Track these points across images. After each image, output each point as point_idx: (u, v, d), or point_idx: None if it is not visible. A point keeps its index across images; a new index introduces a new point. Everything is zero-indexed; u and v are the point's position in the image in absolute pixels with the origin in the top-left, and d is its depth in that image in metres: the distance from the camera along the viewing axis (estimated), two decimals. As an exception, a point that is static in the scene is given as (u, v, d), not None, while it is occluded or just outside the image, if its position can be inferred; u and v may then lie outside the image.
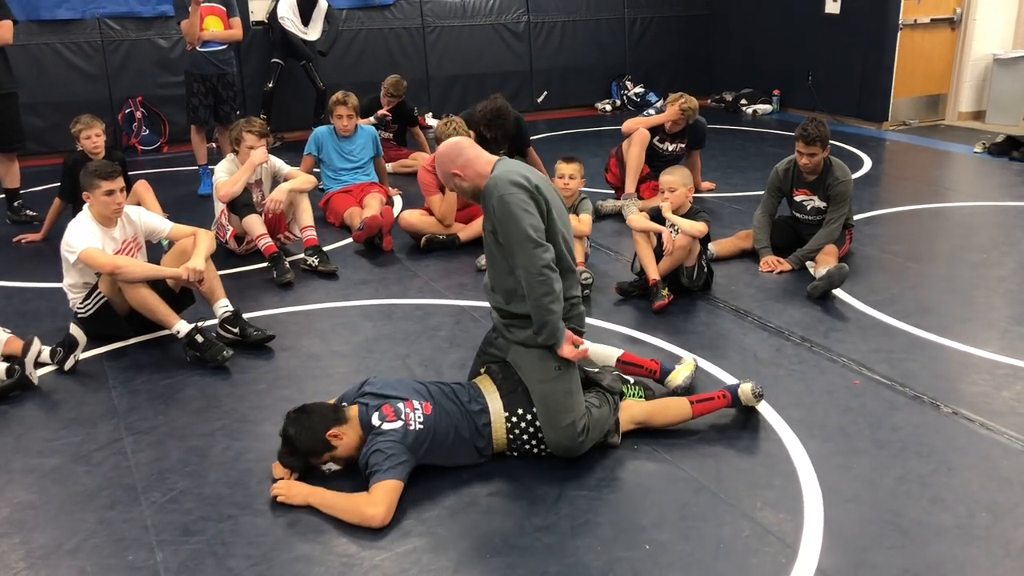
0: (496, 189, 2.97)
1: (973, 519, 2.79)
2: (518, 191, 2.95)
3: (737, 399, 3.39)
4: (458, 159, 3.14)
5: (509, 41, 10.36)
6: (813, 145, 4.93)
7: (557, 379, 3.07)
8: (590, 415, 3.10)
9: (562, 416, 3.04)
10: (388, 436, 2.91)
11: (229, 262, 5.28)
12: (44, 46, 8.32)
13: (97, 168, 4.13)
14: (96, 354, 4.13)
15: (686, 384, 3.54)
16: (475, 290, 4.84)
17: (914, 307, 4.50)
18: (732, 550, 2.66)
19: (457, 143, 3.20)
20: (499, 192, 2.95)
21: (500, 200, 2.95)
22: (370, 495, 2.82)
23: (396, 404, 3.00)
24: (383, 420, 2.95)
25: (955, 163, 8.08)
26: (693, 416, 3.33)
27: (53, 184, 6.20)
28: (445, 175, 3.19)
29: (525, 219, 2.93)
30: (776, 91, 10.41)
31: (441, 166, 3.20)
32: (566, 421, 3.03)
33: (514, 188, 2.95)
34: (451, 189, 3.39)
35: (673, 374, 3.56)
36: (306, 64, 8.82)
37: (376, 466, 2.85)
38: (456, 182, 3.16)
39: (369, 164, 6.33)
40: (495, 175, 3.02)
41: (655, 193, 6.18)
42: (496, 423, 3.08)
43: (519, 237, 2.93)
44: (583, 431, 3.05)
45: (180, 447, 3.31)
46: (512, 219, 2.93)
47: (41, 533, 2.81)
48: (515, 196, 2.94)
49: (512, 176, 2.99)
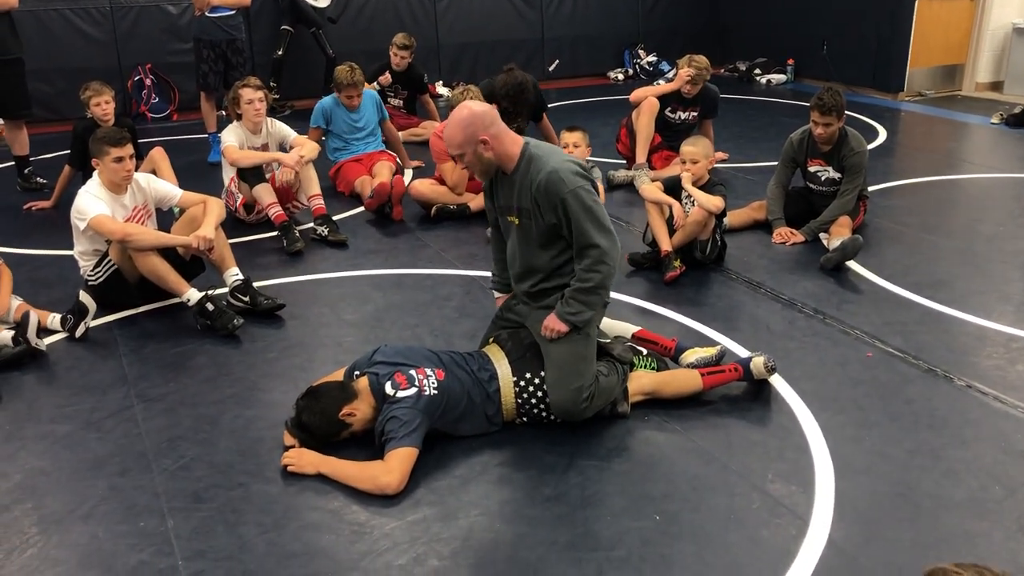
0: (565, 183, 2.97)
1: (986, 492, 2.77)
2: (585, 183, 3.02)
3: (749, 372, 3.37)
4: (491, 127, 3.03)
5: (520, 8, 10.24)
6: (829, 115, 4.87)
7: (576, 343, 3.08)
8: (597, 383, 3.10)
9: (572, 379, 3.04)
10: (403, 403, 2.90)
11: (239, 230, 5.26)
12: (52, 11, 8.26)
13: (106, 135, 4.11)
14: (106, 322, 4.14)
15: (698, 364, 3.46)
16: (485, 260, 4.81)
17: (928, 279, 4.46)
18: (743, 522, 2.66)
19: (491, 109, 3.10)
20: (571, 186, 2.97)
21: (574, 195, 2.97)
22: (385, 463, 2.82)
23: (408, 371, 3.00)
24: (396, 388, 2.95)
25: (972, 134, 7.99)
26: (704, 388, 3.32)
27: (63, 151, 6.18)
28: (468, 138, 3.00)
29: (601, 212, 3.03)
30: (791, 61, 10.28)
31: (467, 127, 3.00)
32: (575, 384, 3.04)
33: (582, 180, 3.01)
34: (456, 156, 3.08)
35: (688, 352, 3.51)
36: (315, 31, 8.74)
37: (392, 433, 2.85)
38: (479, 149, 3.02)
39: (377, 130, 6.28)
40: (554, 166, 3.00)
41: (667, 163, 6.15)
42: (505, 388, 3.08)
43: (602, 228, 3.01)
44: (588, 398, 3.06)
45: (191, 415, 3.32)
46: (590, 213, 2.99)
47: (53, 499, 2.82)
48: (586, 189, 3.00)
49: (572, 167, 3.03)
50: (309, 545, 2.59)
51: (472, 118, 3.02)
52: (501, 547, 2.57)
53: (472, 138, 3.02)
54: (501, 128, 3.06)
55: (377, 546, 2.57)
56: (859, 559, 2.49)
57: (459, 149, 3.06)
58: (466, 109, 3.05)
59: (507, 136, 3.08)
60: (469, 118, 3.02)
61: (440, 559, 2.52)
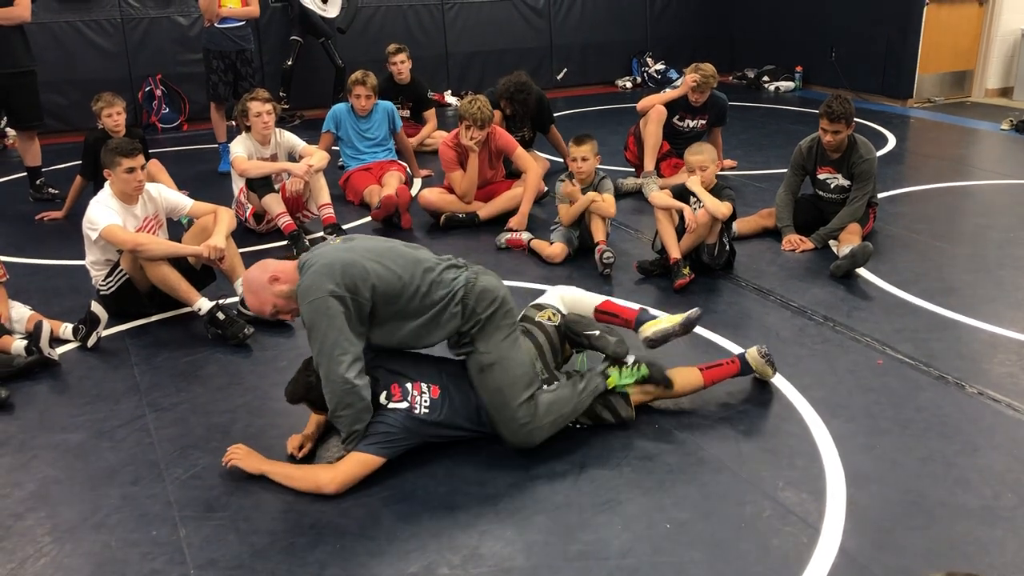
0: (301, 296, 2.85)
1: (998, 500, 2.76)
2: (321, 296, 2.80)
3: (746, 364, 3.37)
4: (264, 273, 2.95)
5: (528, 17, 10.28)
6: (838, 122, 4.87)
7: (483, 378, 2.97)
8: (535, 401, 2.97)
9: (500, 412, 2.96)
10: (391, 415, 2.93)
11: (249, 240, 5.28)
12: (64, 24, 8.33)
13: (118, 145, 4.14)
14: (118, 331, 4.16)
15: (655, 338, 3.34)
16: (495, 268, 4.77)
17: (939, 286, 4.45)
18: (754, 530, 2.65)
19: (256, 267, 3.01)
20: (304, 298, 2.83)
21: (305, 308, 2.84)
22: (335, 463, 2.89)
23: (405, 384, 3.00)
24: (389, 399, 2.97)
25: (981, 141, 7.96)
26: (705, 384, 3.31)
27: (74, 162, 6.23)
28: (262, 304, 2.98)
29: (325, 330, 2.80)
30: (799, 68, 10.27)
31: (253, 291, 2.99)
32: (504, 415, 2.96)
33: (316, 293, 2.81)
34: (271, 310, 3.00)
35: (647, 324, 3.38)
36: (325, 41, 8.79)
37: (367, 437, 2.90)
38: (278, 289, 2.94)
39: (388, 140, 6.31)
40: (302, 282, 2.86)
41: (675, 171, 6.15)
42: None
43: (319, 352, 2.83)
44: (527, 422, 2.95)
45: (202, 424, 3.33)
46: (310, 332, 2.84)
47: (66, 508, 2.84)
48: (320, 303, 2.80)
49: (317, 278, 2.83)
50: (320, 553, 2.59)
51: (250, 280, 3.00)
52: (512, 555, 2.57)
53: (261, 295, 2.97)
54: (277, 266, 2.99)
55: (388, 554, 2.58)
56: (871, 567, 2.48)
57: (266, 309, 3.00)
58: (244, 278, 3.08)
59: (287, 266, 2.98)
60: (250, 278, 3.00)
61: (451, 567, 2.52)
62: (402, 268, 2.94)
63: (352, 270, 2.85)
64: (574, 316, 3.38)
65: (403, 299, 2.92)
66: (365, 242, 3.04)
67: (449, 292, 2.96)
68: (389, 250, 3.00)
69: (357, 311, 2.85)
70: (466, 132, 5.37)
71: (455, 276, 3.02)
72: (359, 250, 2.94)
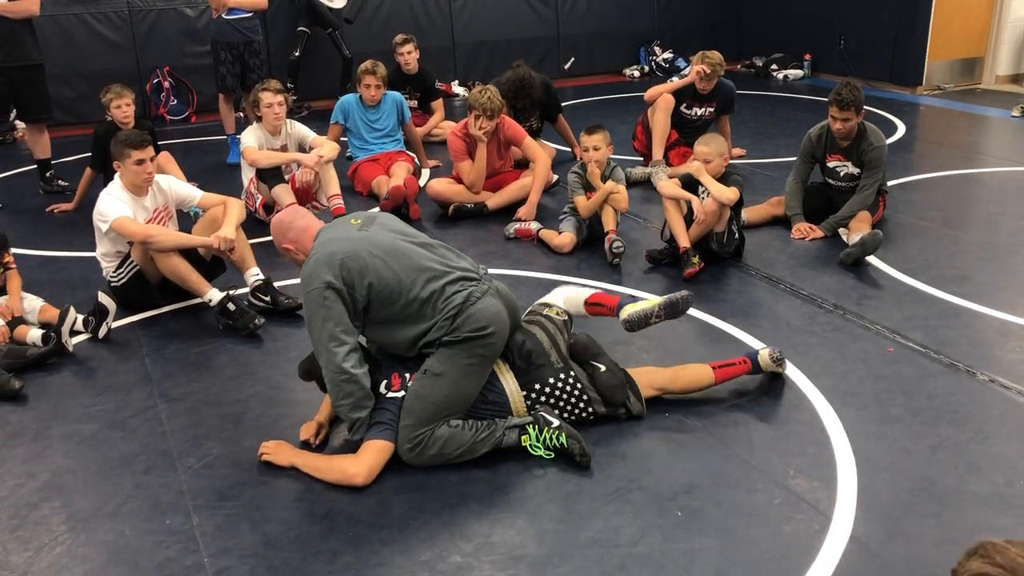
0: (302, 284, 2.92)
1: (1010, 487, 2.76)
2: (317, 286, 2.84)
3: (757, 364, 3.37)
4: (288, 232, 3.11)
5: (536, 6, 10.24)
6: (847, 110, 4.85)
7: (421, 382, 2.95)
8: (433, 430, 2.90)
9: (404, 417, 2.93)
10: (391, 404, 2.95)
11: (259, 230, 5.28)
12: (72, 16, 8.34)
13: (127, 137, 4.15)
14: (129, 322, 4.18)
15: (632, 319, 3.30)
16: (504, 259, 4.83)
17: (949, 274, 4.43)
18: (764, 517, 2.65)
19: (288, 213, 3.21)
20: (304, 288, 2.90)
21: (304, 298, 2.92)
22: (357, 454, 2.89)
23: (404, 374, 3.02)
24: (389, 388, 3.00)
25: (992, 128, 7.92)
26: (716, 382, 3.31)
27: (84, 154, 6.24)
28: (279, 249, 3.18)
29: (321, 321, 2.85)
30: (807, 56, 10.22)
31: (274, 239, 3.18)
32: (404, 421, 2.92)
33: (316, 283, 2.85)
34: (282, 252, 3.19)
35: (627, 306, 3.35)
36: (332, 32, 8.78)
37: (376, 425, 2.91)
38: (291, 256, 3.12)
39: (396, 131, 6.31)
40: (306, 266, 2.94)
41: (684, 160, 6.13)
42: (515, 401, 3.06)
43: (317, 344, 2.88)
44: (418, 443, 2.89)
45: (214, 414, 3.35)
46: (309, 323, 2.90)
47: (80, 497, 2.86)
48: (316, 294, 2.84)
49: (317, 264, 2.88)
50: (333, 542, 2.61)
51: (274, 226, 3.19)
52: (524, 543, 2.58)
53: (279, 248, 3.17)
54: (300, 227, 3.10)
55: (400, 542, 2.59)
56: (882, 555, 2.49)
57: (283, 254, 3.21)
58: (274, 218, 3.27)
59: (305, 235, 3.08)
60: (275, 225, 3.19)
61: (463, 555, 2.53)
62: (404, 271, 2.93)
63: (353, 264, 2.86)
64: (584, 339, 3.27)
65: (399, 304, 2.92)
66: (378, 234, 3.01)
67: (443, 308, 2.93)
68: (398, 250, 2.98)
69: (352, 305, 2.87)
70: (475, 122, 5.36)
71: (458, 291, 2.96)
72: (367, 242, 2.94)
